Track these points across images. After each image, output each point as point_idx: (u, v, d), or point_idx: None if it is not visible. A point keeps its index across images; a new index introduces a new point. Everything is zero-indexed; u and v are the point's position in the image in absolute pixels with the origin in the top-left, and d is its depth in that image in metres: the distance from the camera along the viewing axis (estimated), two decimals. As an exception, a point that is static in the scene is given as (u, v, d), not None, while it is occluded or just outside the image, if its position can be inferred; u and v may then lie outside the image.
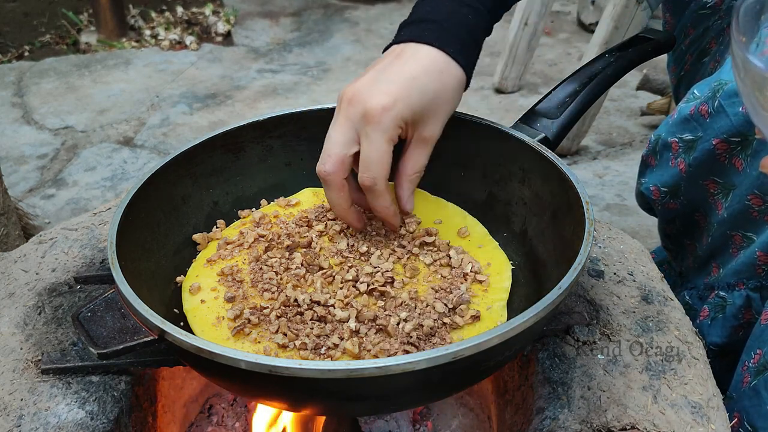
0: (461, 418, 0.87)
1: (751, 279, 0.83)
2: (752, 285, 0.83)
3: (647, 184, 0.94)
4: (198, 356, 0.50)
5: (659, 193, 0.93)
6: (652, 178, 0.94)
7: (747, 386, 0.73)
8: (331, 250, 0.72)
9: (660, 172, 0.92)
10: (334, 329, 0.61)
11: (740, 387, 0.75)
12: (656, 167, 0.93)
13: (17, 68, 2.55)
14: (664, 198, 0.93)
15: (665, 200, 0.93)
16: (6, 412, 0.60)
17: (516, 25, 2.15)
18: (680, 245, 0.98)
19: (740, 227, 0.83)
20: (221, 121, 2.18)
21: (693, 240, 0.94)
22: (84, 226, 0.83)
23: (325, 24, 3.01)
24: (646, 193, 0.95)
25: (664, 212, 0.96)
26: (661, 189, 0.92)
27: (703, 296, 0.91)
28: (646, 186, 0.95)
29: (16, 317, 0.70)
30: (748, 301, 0.84)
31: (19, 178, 1.88)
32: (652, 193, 0.94)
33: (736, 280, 0.85)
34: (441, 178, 0.80)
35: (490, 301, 0.66)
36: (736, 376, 0.76)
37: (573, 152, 2.01)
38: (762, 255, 0.80)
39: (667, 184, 0.91)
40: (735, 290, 0.85)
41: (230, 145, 0.78)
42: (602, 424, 0.60)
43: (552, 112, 0.74)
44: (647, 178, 0.95)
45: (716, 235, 0.87)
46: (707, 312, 0.89)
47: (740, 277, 0.84)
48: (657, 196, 0.93)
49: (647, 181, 0.95)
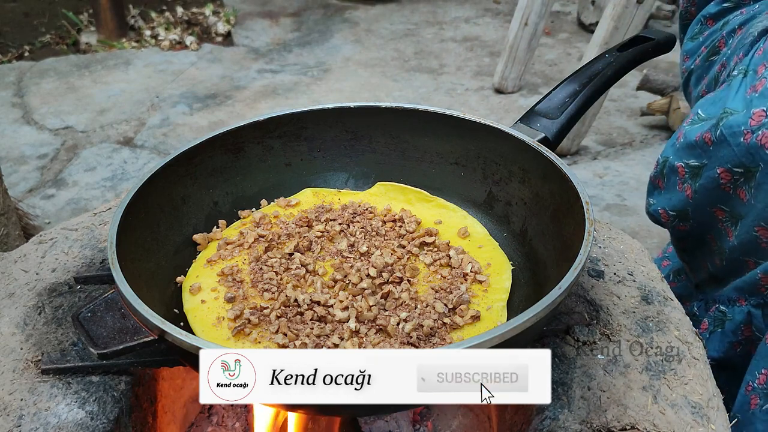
0: (461, 418, 0.87)
1: (753, 296, 0.82)
2: (754, 302, 0.82)
3: (656, 206, 0.93)
4: (198, 356, 0.50)
5: (668, 216, 0.92)
6: (661, 201, 0.92)
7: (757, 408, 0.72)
8: (331, 250, 0.72)
9: (668, 196, 0.91)
10: (334, 329, 0.61)
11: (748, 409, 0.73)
12: (664, 190, 0.91)
13: (17, 68, 2.55)
14: (673, 221, 0.92)
15: (675, 223, 0.92)
16: (6, 412, 0.60)
17: (516, 25, 2.15)
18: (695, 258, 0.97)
19: (752, 255, 0.82)
20: (221, 121, 2.18)
21: (704, 258, 0.93)
22: (84, 226, 0.83)
23: (325, 24, 3.01)
24: (655, 215, 0.94)
25: (675, 233, 0.94)
26: (670, 213, 0.91)
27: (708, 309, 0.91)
28: (654, 208, 0.93)
29: (16, 317, 0.70)
30: (749, 317, 0.83)
31: (19, 178, 1.88)
32: (661, 216, 0.93)
33: (737, 295, 0.84)
34: (441, 178, 0.80)
35: (490, 301, 0.66)
36: (742, 397, 0.75)
37: (573, 152, 2.01)
38: (764, 276, 0.80)
39: (676, 208, 0.90)
40: (736, 305, 0.84)
41: (230, 145, 0.78)
42: (602, 424, 0.60)
43: (552, 112, 0.74)
44: (656, 200, 0.94)
45: (730, 259, 0.86)
46: (706, 325, 0.88)
47: (742, 293, 0.83)
48: (666, 219, 0.92)
49: (656, 203, 0.93)
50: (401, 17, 3.07)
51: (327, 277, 0.68)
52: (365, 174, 0.83)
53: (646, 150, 2.05)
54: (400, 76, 2.51)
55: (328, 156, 0.83)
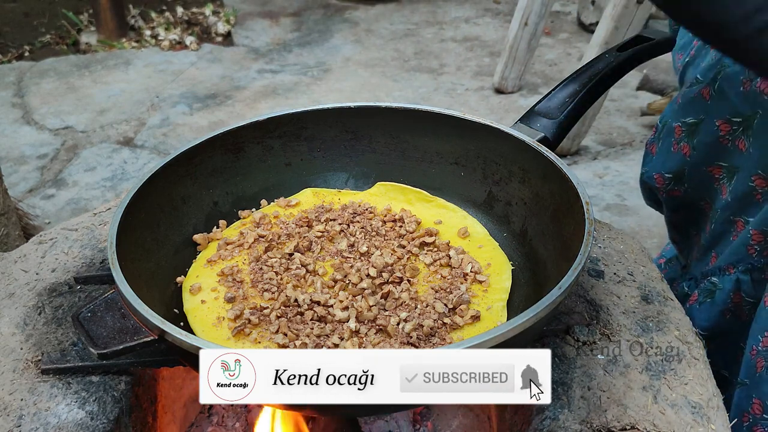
0: (461, 418, 0.87)
1: (741, 262, 0.83)
2: (742, 267, 0.83)
3: (650, 172, 0.94)
4: (198, 356, 0.50)
5: (663, 180, 0.92)
6: (655, 165, 0.93)
7: (764, 371, 0.72)
8: (331, 250, 0.72)
9: (662, 159, 0.91)
10: (334, 329, 0.61)
11: (755, 373, 0.74)
12: (657, 154, 0.92)
13: (17, 68, 2.55)
14: (668, 185, 0.92)
15: (669, 187, 0.92)
16: (6, 412, 0.60)
17: (516, 25, 2.15)
18: (686, 236, 0.97)
19: (743, 212, 0.83)
20: (221, 121, 2.18)
21: (698, 230, 0.93)
22: (84, 226, 0.83)
23: (325, 24, 3.01)
24: (649, 181, 0.94)
25: (669, 200, 0.95)
26: (665, 176, 0.91)
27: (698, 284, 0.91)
28: (648, 174, 0.94)
29: (16, 317, 0.70)
30: (738, 284, 0.84)
31: (19, 179, 1.88)
32: (656, 181, 0.93)
33: (727, 263, 0.85)
34: (441, 178, 0.80)
35: (490, 301, 0.66)
36: (747, 362, 0.75)
37: (573, 152, 2.01)
38: (756, 233, 0.80)
39: (671, 169, 0.90)
40: (726, 274, 0.85)
41: (230, 145, 0.78)
42: (602, 424, 0.60)
43: (552, 112, 0.74)
44: (649, 167, 0.94)
45: (719, 220, 0.86)
46: (696, 296, 0.89)
47: (732, 260, 0.84)
48: (661, 184, 0.92)
49: (649, 170, 0.94)
50: (401, 17, 3.07)
51: (327, 277, 0.68)
52: (365, 174, 0.83)
53: (646, 150, 2.05)
54: (400, 76, 2.51)
55: (328, 156, 0.83)
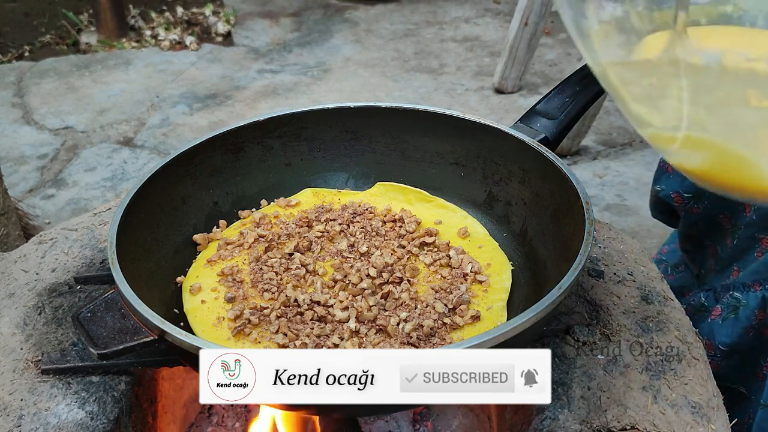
0: (461, 418, 0.87)
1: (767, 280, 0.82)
2: None
3: (666, 191, 0.92)
4: (198, 356, 0.50)
5: (682, 199, 0.90)
6: (672, 184, 0.91)
7: None
8: (331, 250, 0.72)
9: (681, 177, 0.89)
10: (334, 329, 0.61)
11: None
12: (674, 173, 0.90)
13: (17, 68, 2.55)
14: (687, 203, 0.90)
15: (689, 205, 0.91)
16: (6, 412, 0.60)
17: (516, 25, 2.15)
18: (701, 247, 0.96)
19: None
20: (221, 121, 2.18)
21: (714, 242, 0.92)
22: (84, 226, 0.83)
23: (325, 24, 3.01)
24: (666, 200, 0.93)
25: (687, 216, 0.93)
26: (684, 195, 0.90)
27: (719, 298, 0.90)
28: (665, 193, 0.92)
29: (16, 317, 0.70)
30: (763, 302, 0.82)
31: (19, 179, 1.88)
32: (674, 200, 0.91)
33: (752, 280, 0.83)
34: (441, 178, 0.80)
35: (490, 301, 0.66)
36: None
37: (573, 152, 2.01)
38: None
39: (691, 189, 0.89)
40: (750, 291, 0.84)
41: (230, 145, 0.78)
42: (602, 425, 0.60)
43: (552, 112, 0.75)
44: (665, 185, 0.93)
45: (742, 236, 0.85)
46: (719, 311, 0.88)
47: (757, 278, 0.83)
48: (680, 203, 0.91)
49: (666, 188, 0.92)
50: (401, 17, 3.07)
51: (327, 277, 0.68)
52: (365, 174, 0.83)
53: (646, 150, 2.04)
54: (400, 76, 2.51)
55: (328, 156, 0.83)
